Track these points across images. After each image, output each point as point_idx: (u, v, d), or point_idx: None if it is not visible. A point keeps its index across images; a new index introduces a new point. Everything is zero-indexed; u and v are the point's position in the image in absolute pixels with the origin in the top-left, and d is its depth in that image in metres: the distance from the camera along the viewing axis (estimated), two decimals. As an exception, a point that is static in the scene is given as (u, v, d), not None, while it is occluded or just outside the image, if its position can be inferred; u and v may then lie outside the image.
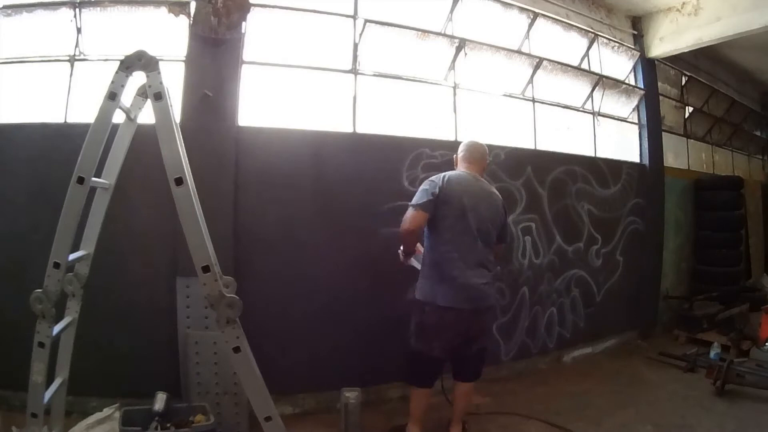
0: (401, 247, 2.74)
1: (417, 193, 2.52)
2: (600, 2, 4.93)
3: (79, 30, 3.04)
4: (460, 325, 2.42)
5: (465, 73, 3.99)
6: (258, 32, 3.26)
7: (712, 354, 4.15)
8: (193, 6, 3.03)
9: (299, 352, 3.12)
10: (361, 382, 2.98)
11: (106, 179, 2.09)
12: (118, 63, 1.84)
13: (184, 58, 3.04)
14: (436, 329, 2.38)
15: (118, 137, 2.10)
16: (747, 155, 7.59)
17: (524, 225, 4.12)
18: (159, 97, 1.82)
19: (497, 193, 2.70)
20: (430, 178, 2.57)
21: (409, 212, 2.47)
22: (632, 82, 5.22)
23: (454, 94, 3.95)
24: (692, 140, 6.26)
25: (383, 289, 3.28)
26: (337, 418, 2.89)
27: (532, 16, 4.32)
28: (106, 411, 2.52)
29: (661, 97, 5.51)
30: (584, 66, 4.79)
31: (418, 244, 2.71)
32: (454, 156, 2.82)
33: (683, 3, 4.78)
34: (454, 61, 3.90)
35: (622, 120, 5.21)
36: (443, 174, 2.55)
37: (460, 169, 2.68)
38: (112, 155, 2.11)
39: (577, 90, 4.74)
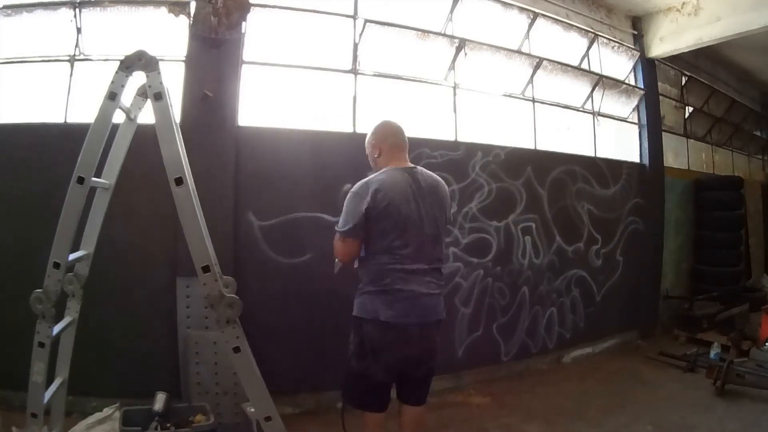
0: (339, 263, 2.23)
1: (342, 215, 2.07)
2: (600, 2, 4.93)
3: (79, 30, 3.04)
4: (406, 343, 2.04)
5: (465, 73, 3.99)
6: (258, 32, 3.26)
7: (712, 354, 4.14)
8: (193, 6, 3.03)
9: (299, 352, 3.12)
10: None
11: (106, 179, 2.09)
12: (118, 63, 1.84)
13: (184, 58, 3.04)
14: (380, 349, 2.02)
15: (118, 137, 2.10)
16: (747, 155, 7.59)
17: (524, 225, 4.12)
18: (159, 97, 1.82)
19: (442, 181, 2.22)
20: (353, 191, 2.07)
21: (337, 241, 2.09)
22: (632, 82, 5.22)
23: (454, 94, 3.95)
24: (692, 140, 6.27)
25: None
26: (337, 417, 2.88)
27: (532, 16, 4.32)
28: (106, 411, 2.52)
29: (661, 97, 5.51)
30: (584, 66, 4.79)
31: None
32: (371, 149, 2.23)
33: (683, 3, 4.78)
34: (454, 61, 3.90)
35: (622, 120, 5.21)
36: (368, 182, 2.05)
37: (388, 168, 2.13)
38: (112, 155, 2.11)
39: (577, 90, 4.74)
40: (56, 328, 1.87)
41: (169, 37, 3.08)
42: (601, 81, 4.82)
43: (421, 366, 2.15)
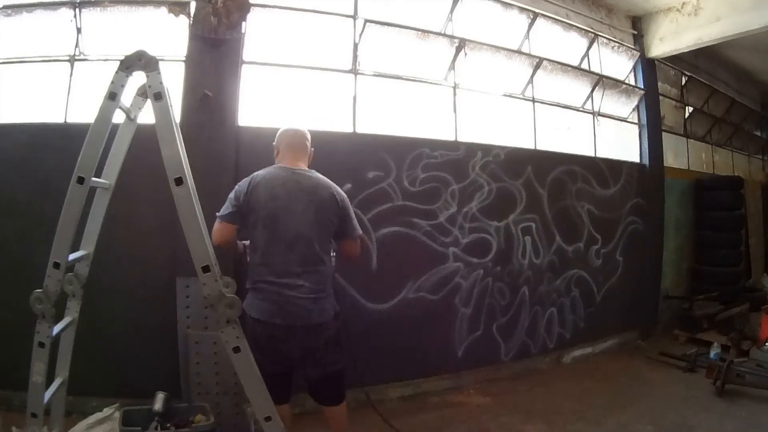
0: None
1: (226, 202, 2.18)
2: (600, 2, 4.93)
3: (79, 30, 3.05)
4: (279, 341, 2.10)
5: (465, 73, 3.99)
6: (258, 32, 3.26)
7: (712, 354, 4.15)
8: (193, 6, 3.03)
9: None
10: (361, 381, 2.98)
11: (106, 179, 2.09)
12: (118, 63, 1.84)
13: (184, 58, 3.04)
14: (256, 343, 2.03)
15: (118, 137, 2.10)
16: (747, 155, 7.59)
17: (524, 225, 4.12)
18: (159, 97, 1.82)
19: (328, 184, 2.26)
20: (239, 182, 2.21)
21: (216, 224, 2.13)
22: (632, 82, 5.22)
23: (454, 94, 3.95)
24: (692, 140, 6.27)
25: (380, 285, 3.27)
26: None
27: (532, 16, 4.32)
28: (106, 411, 2.52)
29: (661, 97, 5.51)
30: (584, 66, 4.79)
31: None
32: (274, 148, 2.36)
33: (683, 3, 4.79)
34: (454, 61, 3.90)
35: (622, 120, 5.21)
36: (253, 175, 2.19)
37: (277, 165, 2.27)
38: (112, 155, 2.11)
39: (577, 90, 4.75)
40: (56, 328, 1.87)
41: (169, 37, 3.08)
42: (601, 81, 4.82)
43: (309, 366, 2.20)
